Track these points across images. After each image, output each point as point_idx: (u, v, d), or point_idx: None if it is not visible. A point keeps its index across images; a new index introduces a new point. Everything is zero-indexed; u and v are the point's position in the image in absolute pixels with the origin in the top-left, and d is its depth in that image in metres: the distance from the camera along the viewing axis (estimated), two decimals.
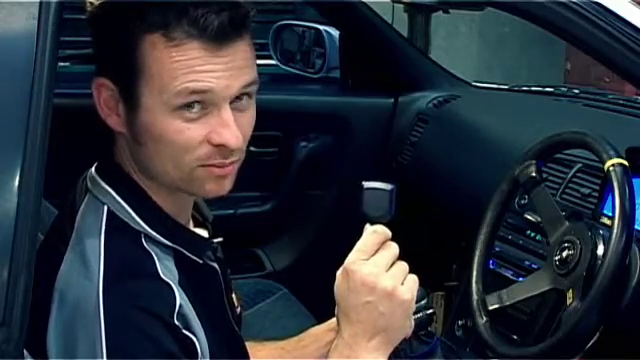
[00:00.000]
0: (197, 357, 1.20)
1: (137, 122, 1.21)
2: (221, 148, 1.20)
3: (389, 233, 1.27)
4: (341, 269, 1.26)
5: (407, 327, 1.29)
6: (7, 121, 1.08)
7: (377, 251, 1.26)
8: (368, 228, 1.28)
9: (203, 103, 1.18)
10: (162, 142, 1.20)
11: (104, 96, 1.23)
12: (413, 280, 1.27)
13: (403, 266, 1.27)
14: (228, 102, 1.20)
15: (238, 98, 1.21)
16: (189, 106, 1.18)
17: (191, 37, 1.16)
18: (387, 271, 1.24)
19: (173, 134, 1.19)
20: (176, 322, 1.19)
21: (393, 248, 1.27)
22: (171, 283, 1.21)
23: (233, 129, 1.20)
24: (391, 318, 1.25)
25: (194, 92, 1.17)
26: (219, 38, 1.16)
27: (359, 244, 1.26)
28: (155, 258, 1.22)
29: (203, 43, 1.16)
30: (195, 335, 1.21)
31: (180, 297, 1.20)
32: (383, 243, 1.26)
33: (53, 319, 1.18)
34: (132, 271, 1.20)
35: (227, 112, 1.19)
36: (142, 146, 1.22)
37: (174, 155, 1.20)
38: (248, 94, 1.23)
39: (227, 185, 1.26)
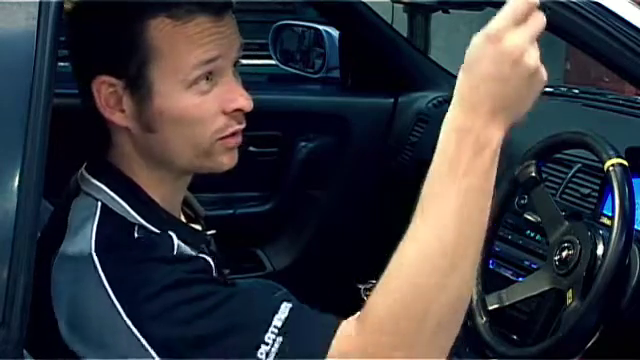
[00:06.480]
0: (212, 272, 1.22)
1: (151, 110, 1.22)
2: (236, 114, 1.25)
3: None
4: (482, 34, 1.08)
5: (529, 108, 1.16)
6: (7, 121, 1.08)
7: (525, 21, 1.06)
8: None
9: (210, 74, 1.22)
10: (181, 122, 1.22)
11: (105, 94, 1.22)
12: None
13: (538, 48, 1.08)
14: (231, 67, 1.24)
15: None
16: (200, 79, 1.21)
17: (194, 13, 1.20)
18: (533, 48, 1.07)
19: (192, 110, 1.22)
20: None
21: (542, 21, 1.08)
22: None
23: (243, 92, 1.25)
24: (521, 98, 1.14)
25: (208, 62, 1.20)
26: (220, 10, 1.22)
27: (507, 9, 1.06)
28: None
29: (207, 17, 1.20)
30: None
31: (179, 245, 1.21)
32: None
33: (56, 288, 1.19)
34: (123, 238, 1.20)
35: (232, 77, 1.25)
36: (155, 134, 1.23)
37: (193, 133, 1.23)
38: (237, 60, 1.27)
39: (236, 156, 1.29)
